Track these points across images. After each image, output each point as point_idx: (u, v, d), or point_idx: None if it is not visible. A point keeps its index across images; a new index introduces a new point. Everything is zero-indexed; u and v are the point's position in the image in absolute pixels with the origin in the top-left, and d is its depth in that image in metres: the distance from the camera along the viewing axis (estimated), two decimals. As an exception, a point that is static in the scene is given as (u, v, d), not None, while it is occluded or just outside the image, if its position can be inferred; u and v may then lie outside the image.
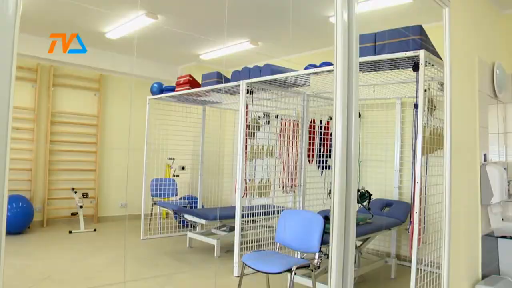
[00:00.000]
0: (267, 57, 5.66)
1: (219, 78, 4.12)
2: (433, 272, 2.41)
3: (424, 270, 2.43)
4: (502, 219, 3.01)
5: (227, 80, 4.04)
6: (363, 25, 2.82)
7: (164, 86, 4.90)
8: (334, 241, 1.07)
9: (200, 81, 4.41)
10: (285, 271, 2.45)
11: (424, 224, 2.52)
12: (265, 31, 4.56)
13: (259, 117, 4.40)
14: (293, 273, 2.47)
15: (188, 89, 4.40)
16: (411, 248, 2.34)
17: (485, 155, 2.93)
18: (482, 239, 2.81)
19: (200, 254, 4.24)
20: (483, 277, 2.81)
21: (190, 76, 4.48)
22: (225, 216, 4.23)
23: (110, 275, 3.36)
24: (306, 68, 3.39)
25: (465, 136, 2.68)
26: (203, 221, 4.17)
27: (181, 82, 4.53)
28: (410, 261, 2.33)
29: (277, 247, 2.92)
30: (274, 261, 2.59)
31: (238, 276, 3.46)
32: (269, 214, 4.05)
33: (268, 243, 3.87)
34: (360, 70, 2.99)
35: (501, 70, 3.19)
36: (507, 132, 3.38)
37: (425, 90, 2.49)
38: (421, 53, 2.33)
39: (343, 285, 1.10)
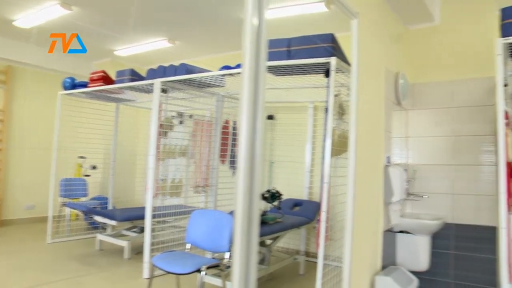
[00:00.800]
0: (183, 56, 5.78)
1: (134, 75, 4.15)
2: (339, 267, 2.63)
3: (331, 265, 2.68)
4: (401, 216, 3.44)
5: (142, 78, 4.09)
6: (278, 30, 3.12)
7: (77, 81, 4.81)
8: (237, 240, 1.12)
9: (114, 78, 4.40)
10: (195, 272, 2.57)
11: (331, 222, 2.77)
12: (182, 30, 4.68)
13: (173, 116, 4.54)
14: (202, 273, 2.60)
15: (102, 85, 4.39)
16: (318, 245, 2.56)
17: (388, 157, 3.33)
18: (383, 234, 3.21)
19: (110, 256, 4.26)
20: (383, 268, 3.21)
21: (104, 72, 4.46)
22: (136, 216, 4.28)
23: (11, 283, 3.26)
24: (221, 69, 3.62)
25: (371, 139, 3.00)
26: (113, 222, 4.17)
27: (95, 78, 4.50)
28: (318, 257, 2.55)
29: (188, 247, 3.13)
30: (184, 261, 2.69)
31: (148, 278, 3.54)
32: (181, 215, 4.14)
33: (179, 244, 3.93)
34: (274, 74, 3.30)
35: (405, 80, 3.63)
36: (409, 136, 3.86)
37: (336, 95, 2.82)
38: (332, 60, 2.60)
39: (246, 284, 1.15)
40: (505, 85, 2.51)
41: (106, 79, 4.43)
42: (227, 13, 3.97)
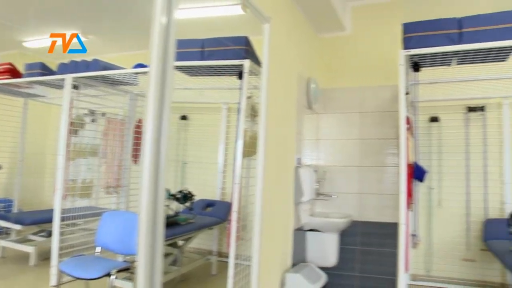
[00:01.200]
0: (97, 51, 5.61)
1: (44, 69, 4.01)
2: (250, 266, 2.71)
3: (243, 264, 2.76)
4: (310, 215, 3.68)
5: (53, 73, 3.95)
6: (194, 30, 3.23)
7: (-20, 74, 4.52)
8: (141, 242, 1.13)
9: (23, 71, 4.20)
10: (104, 276, 2.55)
11: (243, 222, 2.87)
12: (97, 24, 4.57)
13: (84, 114, 4.43)
14: (112, 277, 2.58)
15: (8, 79, 4.21)
16: (229, 244, 2.64)
17: (299, 159, 3.52)
18: (294, 233, 3.39)
19: (13, 264, 4.07)
20: (293, 265, 3.39)
21: (11, 64, 4.27)
22: (43, 219, 4.11)
23: None
24: (135, 67, 3.64)
25: (282, 141, 3.15)
26: (18, 227, 4.00)
27: (1, 70, 4.28)
28: (230, 257, 2.65)
29: (98, 251, 3.08)
30: (93, 266, 2.65)
31: (55, 286, 3.42)
32: (91, 216, 4.12)
33: (90, 247, 3.93)
34: (187, 74, 3.41)
35: (316, 85, 3.85)
36: (319, 139, 4.12)
37: (248, 97, 2.97)
38: (246, 63, 2.71)
39: (151, 285, 1.17)
40: (407, 93, 2.80)
41: (13, 72, 4.23)
42: (142, 9, 3.97)
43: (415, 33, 2.71)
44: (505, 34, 2.54)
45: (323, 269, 3.70)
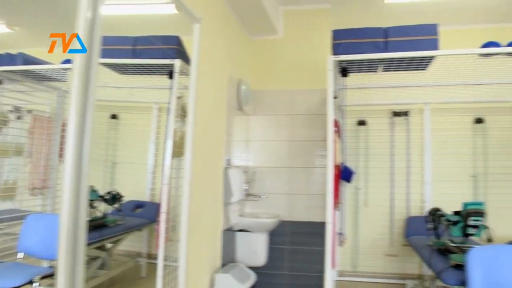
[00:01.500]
0: (24, 45, 5.40)
1: None
2: (178, 267, 2.79)
3: (172, 266, 2.80)
4: (240, 215, 3.76)
5: None
6: (125, 27, 3.25)
7: None
8: (62, 245, 1.11)
9: None
10: (26, 284, 2.40)
11: (173, 222, 2.87)
12: (23, 16, 4.44)
13: (9, 111, 4.26)
14: (35, 284, 2.46)
15: None
16: (158, 246, 2.73)
17: (228, 159, 3.57)
18: (223, 233, 3.44)
19: None
20: (223, 265, 3.44)
21: None
22: (-44, 225, 3.98)
23: None
24: (63, 62, 3.58)
25: (211, 142, 3.18)
26: None
27: None
28: (159, 259, 2.60)
29: (21, 256, 3.02)
30: (14, 273, 2.50)
31: (-32, 299, 3.39)
32: (15, 220, 3.99)
33: (12, 253, 3.81)
34: (118, 72, 3.43)
35: (247, 86, 3.92)
36: (249, 140, 4.21)
37: (179, 97, 3.08)
38: (177, 62, 2.73)
39: None
40: (335, 97, 2.95)
41: None
42: (73, 2, 3.92)
43: (344, 40, 2.88)
44: (425, 45, 2.78)
45: (253, 268, 3.84)
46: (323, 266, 2.88)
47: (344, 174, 4.01)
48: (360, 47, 2.85)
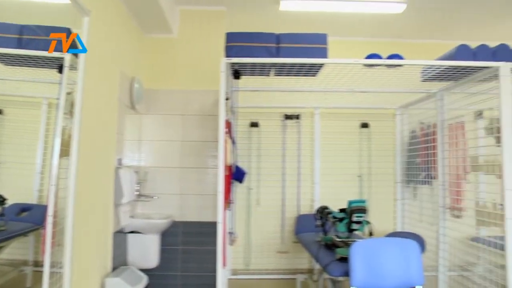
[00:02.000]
0: None
1: None
2: (64, 273, 2.72)
3: (60, 272, 2.73)
4: (131, 217, 3.77)
5: None
6: (12, 15, 3.11)
7: None
8: None
9: None
10: None
11: (61, 226, 2.79)
12: None
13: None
14: None
15: None
16: (44, 252, 2.67)
17: (120, 159, 3.57)
18: (114, 236, 3.43)
19: None
20: (114, 269, 3.44)
21: None
22: None
23: None
24: None
25: (100, 141, 3.15)
26: None
27: None
28: (46, 265, 2.50)
29: None
30: None
31: None
32: None
33: None
34: (2, 63, 3.28)
35: (140, 85, 3.96)
36: (141, 140, 4.24)
37: (68, 93, 3.03)
38: (66, 56, 2.69)
39: None
40: (227, 99, 3.07)
41: None
42: None
43: (237, 43, 3.02)
44: (315, 53, 3.03)
45: (145, 270, 3.91)
46: (216, 265, 3.06)
47: (236, 175, 4.26)
48: (252, 50, 3.02)
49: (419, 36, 5.27)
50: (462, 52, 3.15)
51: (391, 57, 3.18)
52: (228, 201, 3.24)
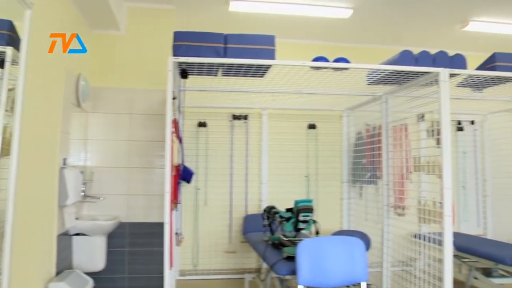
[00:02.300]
0: None
1: None
2: (1, 280, 2.50)
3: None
4: (77, 218, 3.72)
5: None
6: None
7: None
8: None
9: None
10: None
11: (1, 229, 2.89)
12: None
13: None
14: None
15: None
16: None
17: (65, 159, 3.51)
18: (58, 239, 3.36)
19: None
20: (58, 273, 3.38)
21: None
22: None
23: None
24: None
25: (44, 140, 3.09)
26: None
27: None
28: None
29: None
30: None
31: None
32: None
33: None
34: None
35: (86, 82, 3.91)
36: (88, 139, 4.19)
37: (10, 89, 2.95)
38: (8, 50, 2.56)
39: None
40: (174, 98, 3.09)
41: None
42: None
43: (185, 42, 3.05)
44: (263, 54, 3.10)
45: (91, 274, 3.83)
46: (163, 267, 3.00)
47: (183, 175, 4.32)
48: (200, 50, 3.05)
49: (365, 41, 5.55)
50: (405, 57, 3.35)
51: (337, 60, 3.31)
52: (175, 201, 3.26)
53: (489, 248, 4.09)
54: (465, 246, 4.26)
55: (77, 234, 3.83)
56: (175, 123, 3.31)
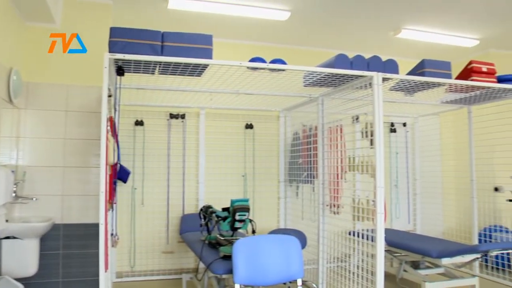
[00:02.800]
0: None
1: None
2: None
3: None
4: (7, 221, 3.61)
5: None
6: None
7: None
8: None
9: None
10: None
11: None
12: None
13: None
14: None
15: None
16: None
17: None
18: None
19: None
20: None
21: None
22: None
23: None
24: None
25: None
26: None
27: None
28: None
29: None
30: None
31: None
32: None
33: None
34: None
35: (18, 77, 3.82)
36: (20, 136, 4.11)
37: None
38: None
39: None
40: (110, 96, 3.10)
41: None
42: None
43: (121, 39, 3.06)
44: (200, 53, 3.17)
45: (22, 279, 3.76)
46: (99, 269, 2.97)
47: (119, 174, 4.38)
48: (137, 47, 3.07)
49: (302, 43, 5.81)
50: (340, 61, 3.54)
51: (274, 61, 3.44)
52: (110, 201, 3.27)
53: (417, 242, 4.43)
54: (396, 242, 4.57)
55: (7, 238, 3.75)
56: (111, 121, 3.31)
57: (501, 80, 4.19)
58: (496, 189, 5.61)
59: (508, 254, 5.28)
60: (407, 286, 4.74)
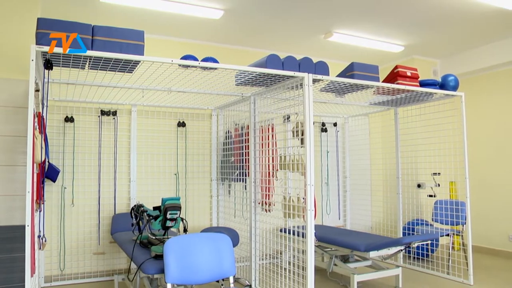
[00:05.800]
0: None
1: None
2: None
3: None
4: None
5: None
6: None
7: None
8: None
9: None
10: None
11: None
12: None
13: None
14: None
15: None
16: None
17: None
18: None
19: None
20: None
21: None
22: None
23: None
24: None
25: None
26: None
27: None
28: None
29: None
30: None
31: None
32: None
33: None
34: None
35: None
36: None
37: None
38: None
39: None
40: (37, 90, 3.01)
41: None
42: None
43: (50, 31, 3.01)
44: (132, 49, 3.18)
45: None
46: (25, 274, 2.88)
47: (48, 173, 4.34)
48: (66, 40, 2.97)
49: (235, 43, 5.95)
50: (272, 61, 3.66)
51: (206, 60, 3.52)
52: (38, 201, 3.19)
53: (346, 237, 4.68)
54: (327, 237, 4.80)
55: None
56: (39, 117, 3.23)
57: (423, 84, 4.63)
58: (419, 186, 6.11)
59: (427, 245, 5.82)
60: (337, 279, 5.07)
